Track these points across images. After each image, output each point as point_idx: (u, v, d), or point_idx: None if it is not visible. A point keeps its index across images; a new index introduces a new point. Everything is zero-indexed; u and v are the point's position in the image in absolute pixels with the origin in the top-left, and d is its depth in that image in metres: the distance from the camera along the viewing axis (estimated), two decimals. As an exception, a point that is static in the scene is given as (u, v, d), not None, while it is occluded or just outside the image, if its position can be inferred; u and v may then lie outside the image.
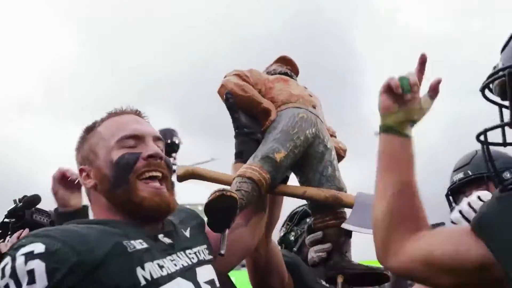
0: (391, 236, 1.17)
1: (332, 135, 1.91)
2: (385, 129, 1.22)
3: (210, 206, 1.35)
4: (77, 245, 1.01)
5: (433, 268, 1.10)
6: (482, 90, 1.22)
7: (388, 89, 1.22)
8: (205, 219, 1.42)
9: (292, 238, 2.12)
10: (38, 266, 0.96)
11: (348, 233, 1.62)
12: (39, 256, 0.97)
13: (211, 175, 1.67)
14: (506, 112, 1.14)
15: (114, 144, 1.23)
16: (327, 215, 1.62)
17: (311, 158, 1.67)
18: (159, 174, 1.22)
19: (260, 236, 1.59)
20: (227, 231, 1.38)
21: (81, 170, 1.27)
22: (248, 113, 1.73)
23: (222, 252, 1.35)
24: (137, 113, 1.34)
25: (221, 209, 1.35)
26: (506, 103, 1.13)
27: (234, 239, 1.44)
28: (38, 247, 0.98)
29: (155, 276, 1.07)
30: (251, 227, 1.54)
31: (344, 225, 1.49)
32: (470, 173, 2.10)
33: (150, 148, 1.23)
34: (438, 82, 1.24)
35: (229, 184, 1.60)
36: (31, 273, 0.95)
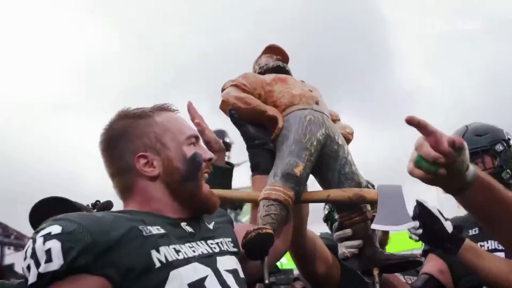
0: None
1: (336, 119, 1.90)
2: (455, 194, 1.22)
3: (248, 245, 1.36)
4: (92, 227, 1.04)
5: None
6: None
7: (420, 178, 1.14)
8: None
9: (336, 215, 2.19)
10: (55, 245, 1.00)
11: None
12: (56, 236, 1.01)
13: (234, 195, 1.66)
14: None
15: (184, 140, 1.29)
16: (353, 212, 1.65)
17: (326, 158, 1.66)
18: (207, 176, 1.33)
19: (290, 239, 1.63)
20: (266, 258, 1.41)
21: (141, 156, 1.25)
22: (255, 123, 1.70)
23: (266, 281, 1.38)
24: (179, 113, 1.41)
25: (258, 244, 1.36)
26: None
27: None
28: (55, 229, 1.02)
29: (170, 259, 1.10)
30: (282, 234, 1.57)
31: (374, 226, 1.51)
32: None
33: (207, 152, 1.35)
34: (460, 142, 1.11)
35: (252, 201, 1.60)
36: (48, 252, 1.00)
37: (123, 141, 1.28)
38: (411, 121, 1.10)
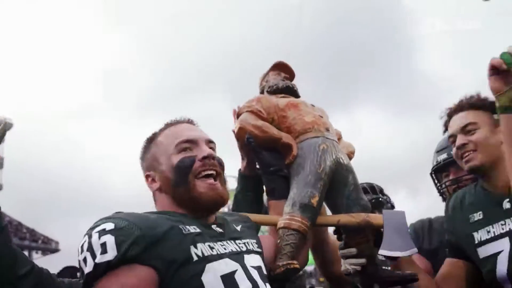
0: None
1: (339, 137, 2.03)
2: (502, 109, 1.33)
3: (277, 277, 1.49)
4: (140, 223, 1.20)
5: None
6: None
7: (494, 70, 1.29)
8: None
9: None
10: (109, 239, 1.14)
11: (379, 245, 1.81)
12: (110, 231, 1.16)
13: (255, 218, 1.75)
14: None
15: (173, 150, 1.43)
16: (358, 233, 1.80)
17: (336, 183, 1.78)
18: (213, 172, 1.42)
19: (307, 256, 1.81)
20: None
21: (147, 176, 1.47)
22: (270, 149, 1.80)
23: None
24: (190, 121, 1.55)
25: (286, 276, 1.51)
26: None
27: None
28: (109, 225, 1.17)
29: (206, 254, 1.25)
30: (300, 256, 1.70)
31: (381, 252, 1.67)
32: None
33: (204, 151, 1.43)
34: None
35: (270, 223, 1.72)
36: (103, 245, 1.14)
37: (142, 163, 1.53)
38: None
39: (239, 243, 1.40)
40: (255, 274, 1.33)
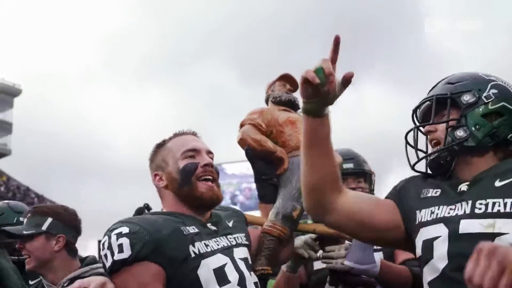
0: (326, 198, 1.54)
1: None
2: (307, 112, 1.50)
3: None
4: (149, 228, 1.47)
5: (360, 226, 1.54)
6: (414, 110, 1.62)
7: (307, 81, 1.41)
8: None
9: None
10: (125, 241, 1.43)
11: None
12: (125, 235, 1.44)
13: (247, 218, 2.04)
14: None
15: (180, 156, 1.71)
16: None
17: None
18: (211, 177, 1.71)
19: (289, 253, 2.07)
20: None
21: (155, 175, 1.75)
22: (265, 159, 2.07)
23: None
24: (194, 133, 1.83)
25: (262, 277, 1.83)
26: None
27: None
28: (125, 229, 1.46)
29: (201, 251, 1.53)
30: (283, 252, 2.02)
31: (346, 262, 1.97)
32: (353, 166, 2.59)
33: (205, 159, 1.72)
34: (351, 76, 1.42)
35: (259, 224, 2.03)
36: (120, 246, 1.43)
37: (151, 164, 1.80)
38: (338, 40, 1.42)
39: (230, 238, 1.69)
40: (242, 265, 1.63)
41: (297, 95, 2.29)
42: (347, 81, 1.43)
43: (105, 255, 1.45)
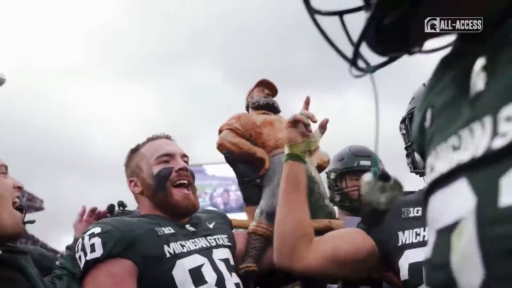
0: (299, 244, 1.48)
1: (315, 149, 2.25)
2: (292, 157, 1.58)
3: (240, 276, 1.76)
4: (122, 227, 1.47)
5: (339, 264, 1.44)
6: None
7: (294, 124, 1.58)
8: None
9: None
10: (97, 241, 1.43)
11: None
12: (97, 234, 1.44)
13: (233, 222, 2.02)
14: None
15: (154, 161, 1.70)
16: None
17: None
18: (186, 181, 1.69)
19: None
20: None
21: (130, 181, 1.74)
22: (246, 161, 2.06)
23: None
24: (168, 137, 1.82)
25: (247, 276, 1.78)
26: None
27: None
28: (97, 229, 1.46)
29: (177, 252, 1.51)
30: (269, 251, 1.95)
31: None
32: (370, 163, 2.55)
33: (180, 163, 1.70)
34: (327, 122, 1.66)
35: (245, 227, 2.00)
36: (92, 246, 1.43)
37: (126, 170, 1.79)
38: (307, 101, 1.67)
39: (210, 239, 1.67)
40: (221, 266, 1.60)
41: (276, 99, 2.33)
42: (324, 127, 1.67)
43: (79, 257, 1.45)
